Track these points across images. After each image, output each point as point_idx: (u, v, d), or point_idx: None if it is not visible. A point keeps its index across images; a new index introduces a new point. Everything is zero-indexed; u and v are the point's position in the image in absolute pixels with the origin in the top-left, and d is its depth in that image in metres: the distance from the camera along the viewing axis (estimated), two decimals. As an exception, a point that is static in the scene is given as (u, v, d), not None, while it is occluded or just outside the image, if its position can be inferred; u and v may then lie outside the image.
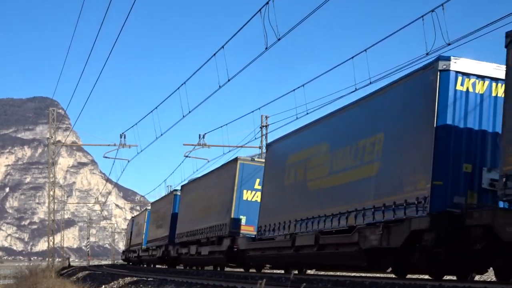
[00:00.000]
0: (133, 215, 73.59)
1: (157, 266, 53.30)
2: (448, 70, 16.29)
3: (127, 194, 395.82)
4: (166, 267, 47.56)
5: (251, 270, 31.41)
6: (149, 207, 57.99)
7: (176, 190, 45.54)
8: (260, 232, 27.37)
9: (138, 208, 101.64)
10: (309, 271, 28.97)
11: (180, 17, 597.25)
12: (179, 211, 42.40)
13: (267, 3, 18.75)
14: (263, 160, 30.11)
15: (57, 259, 75.22)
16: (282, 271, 30.02)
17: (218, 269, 36.92)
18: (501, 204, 15.29)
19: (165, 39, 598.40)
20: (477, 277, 19.34)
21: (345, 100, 32.63)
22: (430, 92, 16.52)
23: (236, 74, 24.04)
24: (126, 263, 73.15)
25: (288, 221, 24.33)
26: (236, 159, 31.41)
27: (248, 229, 30.39)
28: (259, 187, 29.54)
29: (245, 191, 30.83)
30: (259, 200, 28.97)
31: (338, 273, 28.28)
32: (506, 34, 14.14)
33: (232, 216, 30.66)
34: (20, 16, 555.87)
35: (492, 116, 16.44)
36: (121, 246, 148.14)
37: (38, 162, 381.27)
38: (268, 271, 30.40)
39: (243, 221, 30.67)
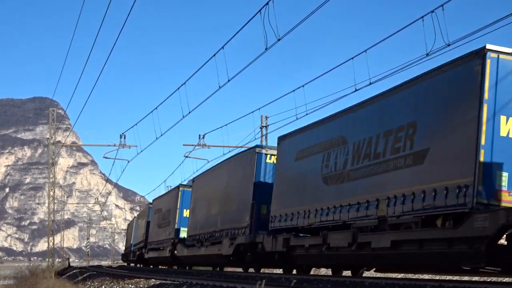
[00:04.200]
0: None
1: (159, 266, 53.02)
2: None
3: (127, 194, 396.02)
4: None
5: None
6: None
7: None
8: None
9: (138, 208, 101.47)
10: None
11: (180, 18, 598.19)
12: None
13: (267, 3, 18.76)
14: None
15: (57, 260, 75.29)
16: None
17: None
18: None
19: (165, 39, 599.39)
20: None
21: (345, 100, 32.67)
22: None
23: (236, 75, 23.95)
24: (126, 264, 72.71)
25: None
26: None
27: None
28: None
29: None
30: None
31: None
32: None
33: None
34: (20, 16, 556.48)
35: None
36: (121, 246, 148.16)
37: (38, 162, 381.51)
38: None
39: None
